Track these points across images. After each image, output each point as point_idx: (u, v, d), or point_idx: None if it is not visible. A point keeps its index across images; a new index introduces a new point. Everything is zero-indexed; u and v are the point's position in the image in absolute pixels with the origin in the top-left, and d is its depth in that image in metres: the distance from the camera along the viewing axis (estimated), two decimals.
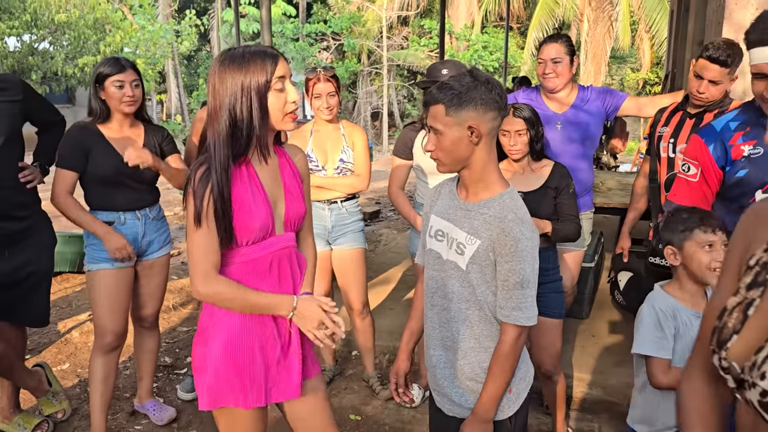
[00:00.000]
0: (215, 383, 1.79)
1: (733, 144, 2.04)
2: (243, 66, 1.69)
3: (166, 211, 8.77)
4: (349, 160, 3.31)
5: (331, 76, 3.21)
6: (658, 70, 22.57)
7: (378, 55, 23.26)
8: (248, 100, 1.69)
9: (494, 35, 23.77)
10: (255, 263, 1.81)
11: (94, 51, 14.31)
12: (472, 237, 1.70)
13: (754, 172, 2.01)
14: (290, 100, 1.75)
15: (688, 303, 2.07)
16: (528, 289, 1.67)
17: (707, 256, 1.98)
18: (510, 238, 1.63)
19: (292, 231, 1.91)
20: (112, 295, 2.87)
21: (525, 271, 1.65)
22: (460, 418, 1.82)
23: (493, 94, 1.64)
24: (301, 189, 1.92)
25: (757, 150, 2.01)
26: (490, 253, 1.67)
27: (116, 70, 2.76)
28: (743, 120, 2.07)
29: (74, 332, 4.36)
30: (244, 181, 1.76)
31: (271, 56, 1.72)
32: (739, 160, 2.03)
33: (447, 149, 1.67)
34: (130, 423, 3.25)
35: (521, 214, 1.68)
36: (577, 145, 3.14)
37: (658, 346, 2.03)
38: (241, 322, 1.80)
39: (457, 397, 1.82)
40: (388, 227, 7.57)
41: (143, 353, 3.22)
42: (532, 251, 1.66)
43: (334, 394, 3.54)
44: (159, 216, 3.07)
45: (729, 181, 2.07)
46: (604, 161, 8.55)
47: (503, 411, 1.79)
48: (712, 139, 2.09)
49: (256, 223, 1.76)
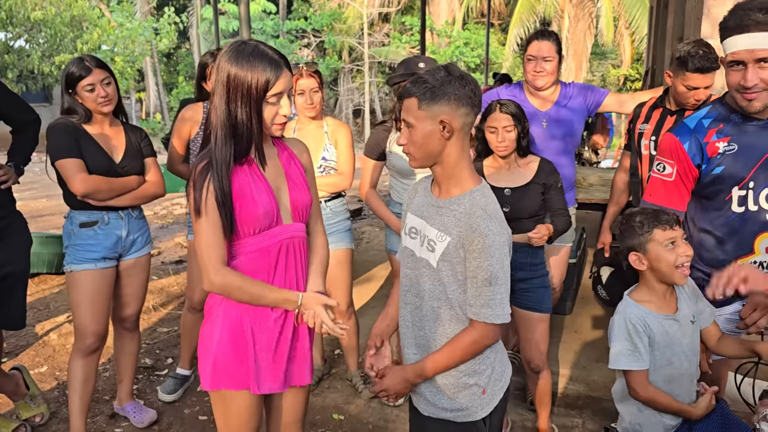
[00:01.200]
0: (215, 365, 1.83)
1: (708, 141, 2.03)
2: (248, 66, 1.69)
3: (146, 211, 8.68)
4: (332, 158, 3.27)
5: (314, 72, 3.18)
6: (639, 66, 22.79)
7: (359, 52, 23.23)
8: (246, 105, 1.70)
9: (475, 32, 23.84)
10: (262, 252, 1.82)
11: (71, 49, 14.16)
12: (443, 234, 1.69)
13: (729, 168, 2.01)
14: (281, 113, 1.77)
15: (658, 307, 2.05)
16: (497, 286, 1.65)
17: (672, 254, 1.96)
18: (477, 234, 1.62)
19: (301, 221, 1.92)
20: (94, 295, 2.81)
21: (493, 267, 1.63)
22: (435, 418, 1.81)
23: (467, 89, 1.62)
24: (304, 178, 1.94)
25: (731, 147, 2.00)
26: (460, 250, 1.66)
27: (83, 73, 2.67)
28: (716, 117, 2.06)
29: (52, 334, 4.29)
30: (245, 172, 1.78)
31: (275, 68, 1.71)
32: (715, 157, 2.02)
33: (418, 143, 1.66)
34: (109, 426, 3.19)
35: (490, 210, 1.67)
36: (560, 141, 3.14)
37: (631, 359, 2.02)
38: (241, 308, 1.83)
39: (431, 396, 1.81)
40: (370, 225, 7.55)
41: (123, 355, 3.17)
42: (501, 247, 1.64)
43: (318, 393, 3.52)
44: (140, 215, 3.03)
45: (705, 179, 2.06)
46: (586, 157, 8.61)
47: (477, 412, 1.78)
48: (687, 136, 2.07)
49: (259, 209, 1.77)
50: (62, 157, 2.68)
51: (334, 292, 3.38)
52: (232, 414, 1.89)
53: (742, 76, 1.87)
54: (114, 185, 2.79)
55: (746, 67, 1.86)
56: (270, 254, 1.83)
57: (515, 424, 3.16)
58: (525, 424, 3.16)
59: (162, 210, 8.93)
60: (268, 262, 1.83)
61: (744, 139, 2.00)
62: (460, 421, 1.79)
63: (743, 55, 1.85)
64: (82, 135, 2.74)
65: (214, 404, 1.93)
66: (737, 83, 1.90)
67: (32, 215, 8.29)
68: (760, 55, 1.83)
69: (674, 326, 2.03)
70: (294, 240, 1.88)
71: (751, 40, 1.83)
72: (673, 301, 2.07)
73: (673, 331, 2.03)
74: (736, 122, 2.02)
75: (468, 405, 1.77)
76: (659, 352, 2.03)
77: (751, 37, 1.83)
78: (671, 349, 2.03)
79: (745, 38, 1.84)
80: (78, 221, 2.80)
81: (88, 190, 2.71)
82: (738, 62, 1.88)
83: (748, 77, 1.85)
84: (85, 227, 2.79)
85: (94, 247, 2.80)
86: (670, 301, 2.06)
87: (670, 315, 2.04)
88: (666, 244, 1.96)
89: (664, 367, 2.06)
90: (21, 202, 2.84)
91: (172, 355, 3.99)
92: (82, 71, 2.67)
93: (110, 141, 2.80)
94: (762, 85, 1.86)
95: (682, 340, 2.04)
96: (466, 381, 1.76)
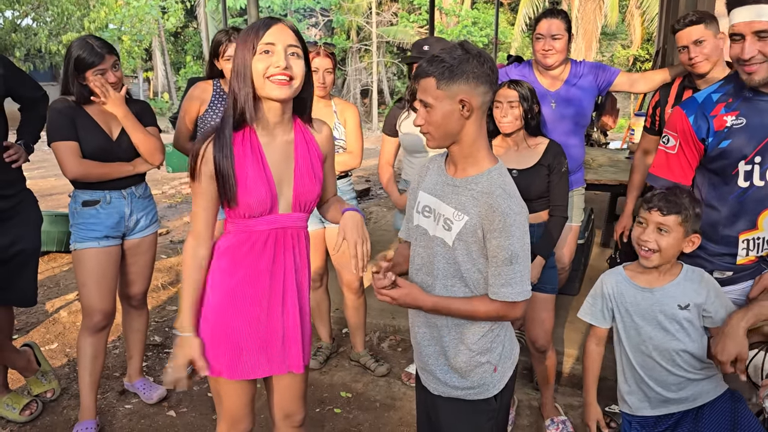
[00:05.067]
0: (206, 351, 1.84)
1: (715, 115, 2.03)
2: (243, 36, 1.71)
3: (155, 190, 8.73)
4: (341, 138, 3.28)
5: (330, 53, 3.17)
6: (649, 47, 22.51)
7: (367, 32, 23.04)
8: (242, 59, 1.70)
9: (484, 11, 23.58)
10: (251, 235, 1.81)
11: (78, 27, 14.10)
12: (460, 213, 1.67)
13: (736, 143, 2.00)
14: (274, 65, 1.69)
15: (644, 280, 2.10)
16: (517, 265, 1.64)
17: (636, 231, 2.06)
18: (498, 213, 1.60)
19: (303, 212, 1.89)
20: (99, 274, 2.83)
21: (514, 246, 1.62)
22: (446, 397, 1.82)
23: (485, 67, 1.60)
24: (316, 169, 1.89)
25: (739, 121, 1.99)
26: (478, 230, 1.65)
27: (96, 60, 2.65)
28: (726, 91, 2.05)
29: (62, 312, 4.33)
30: (246, 153, 1.76)
31: (266, 22, 1.71)
32: (722, 130, 2.01)
33: (437, 123, 1.64)
34: (120, 402, 3.24)
35: (509, 190, 1.65)
36: (570, 121, 3.11)
37: (587, 312, 2.22)
38: (234, 292, 1.83)
39: (441, 375, 1.81)
40: (378, 205, 7.55)
41: (132, 332, 3.20)
42: (521, 226, 1.63)
43: (325, 371, 3.54)
44: (146, 194, 3.02)
45: (711, 152, 2.05)
46: (595, 138, 8.55)
47: (488, 389, 1.79)
48: (693, 110, 2.07)
49: (251, 198, 1.75)
50: (57, 139, 2.69)
51: (345, 270, 3.39)
52: (223, 395, 1.94)
53: (742, 49, 1.88)
54: (106, 169, 2.78)
55: (745, 40, 1.87)
56: (258, 240, 1.82)
57: (521, 404, 3.18)
58: (531, 404, 3.18)
59: (170, 189, 8.96)
60: (256, 248, 1.82)
61: (753, 115, 1.99)
62: (472, 399, 1.79)
63: (742, 28, 1.87)
64: (79, 114, 2.73)
65: (210, 385, 1.98)
66: (737, 56, 1.91)
67: (42, 194, 8.34)
68: (758, 27, 1.84)
69: (648, 299, 2.07)
70: (287, 231, 1.85)
71: (748, 12, 1.85)
72: (663, 281, 2.08)
73: (646, 303, 2.07)
74: (747, 97, 2.01)
75: (480, 383, 1.78)
76: (627, 319, 2.12)
77: (749, 9, 1.85)
78: (642, 318, 2.09)
79: (743, 11, 1.86)
80: (81, 200, 2.81)
81: (78, 175, 2.72)
82: (738, 35, 1.88)
83: (745, 49, 1.86)
84: (88, 206, 2.80)
85: (96, 226, 2.81)
86: (660, 280, 2.08)
87: (647, 288, 2.08)
88: (639, 221, 2.06)
89: (632, 337, 2.12)
90: (30, 181, 2.85)
91: None
92: (95, 58, 2.65)
93: (109, 117, 2.79)
94: (760, 57, 1.86)
95: (656, 315, 2.06)
96: (478, 359, 1.76)
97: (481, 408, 1.80)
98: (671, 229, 1.98)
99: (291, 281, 1.89)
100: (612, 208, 5.48)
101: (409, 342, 3.73)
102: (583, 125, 3.22)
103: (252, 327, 1.85)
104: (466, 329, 1.75)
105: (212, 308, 1.84)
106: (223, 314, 1.83)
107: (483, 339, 1.76)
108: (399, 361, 3.65)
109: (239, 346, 1.85)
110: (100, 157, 2.77)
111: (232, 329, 1.84)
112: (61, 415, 3.11)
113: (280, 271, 1.86)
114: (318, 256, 3.38)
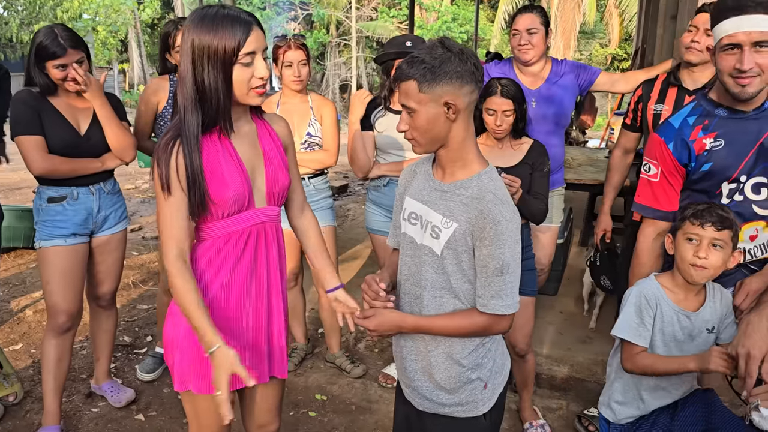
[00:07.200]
0: (180, 365, 1.75)
1: (694, 139, 1.99)
2: (212, 29, 1.56)
3: (127, 185, 8.56)
4: (317, 134, 3.20)
5: (301, 44, 3.09)
6: (627, 46, 22.69)
7: (347, 26, 22.91)
8: (214, 69, 1.58)
9: (464, 7, 23.57)
10: (231, 237, 1.72)
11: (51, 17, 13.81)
12: (448, 220, 1.59)
13: (718, 164, 1.97)
14: (258, 76, 1.62)
15: (677, 299, 1.98)
16: (508, 275, 1.55)
17: (688, 250, 1.90)
18: (489, 220, 1.52)
19: (276, 205, 1.82)
20: (65, 273, 2.72)
21: (505, 255, 1.53)
22: (431, 414, 1.74)
23: (469, 65, 1.51)
24: (283, 159, 1.83)
25: (718, 142, 1.96)
26: (468, 238, 1.56)
27: (58, 51, 2.51)
28: (700, 113, 2.01)
29: (28, 311, 4.19)
30: (216, 149, 1.67)
31: (243, 25, 1.58)
32: (702, 154, 1.98)
33: (423, 128, 1.55)
34: (86, 405, 3.13)
35: (501, 195, 1.57)
36: (550, 120, 3.07)
37: (634, 332, 1.96)
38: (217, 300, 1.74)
39: (427, 392, 1.72)
40: (356, 202, 7.48)
41: (100, 333, 3.09)
42: (513, 234, 1.55)
43: (300, 373, 3.47)
44: (114, 190, 2.91)
45: (694, 175, 2.02)
46: (574, 137, 8.57)
47: (477, 407, 1.71)
48: (671, 136, 2.03)
49: (229, 193, 1.66)
50: (21, 133, 2.56)
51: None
52: (200, 413, 1.83)
53: (738, 60, 1.81)
54: (74, 165, 2.67)
55: (742, 50, 1.80)
56: (238, 240, 1.73)
57: None
58: (510, 407, 3.14)
59: (144, 184, 8.78)
60: (237, 249, 1.73)
61: (730, 134, 1.95)
62: (460, 416, 1.71)
63: (741, 38, 1.79)
64: (45, 108, 2.61)
65: (183, 401, 1.87)
66: (732, 67, 1.84)
67: (10, 188, 8.12)
68: (757, 38, 1.78)
69: (686, 322, 1.97)
70: (266, 225, 1.78)
71: (749, 22, 1.78)
72: (696, 302, 1.99)
73: (684, 326, 1.97)
74: (722, 117, 1.97)
75: (469, 400, 1.69)
76: (660, 340, 1.98)
77: (750, 18, 1.78)
78: (675, 342, 1.97)
79: (743, 20, 1.78)
80: (46, 196, 2.70)
81: (44, 171, 2.60)
82: (734, 45, 1.82)
83: (744, 60, 1.79)
84: (54, 202, 2.69)
85: (62, 223, 2.70)
86: (693, 301, 1.99)
87: (685, 311, 1.97)
88: (688, 237, 1.90)
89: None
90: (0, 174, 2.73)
91: (152, 333, 3.92)
92: (57, 49, 2.52)
93: (77, 111, 2.68)
94: (757, 69, 1.81)
95: (688, 341, 1.97)
96: (468, 376, 1.68)
97: (470, 426, 1.71)
98: (725, 245, 1.88)
99: (276, 279, 1.83)
100: (591, 207, 5.47)
101: (386, 343, 3.67)
102: (564, 125, 3.18)
103: (237, 335, 1.77)
104: (455, 343, 1.66)
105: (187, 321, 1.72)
106: None
107: (473, 354, 1.67)
108: (375, 363, 3.58)
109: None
110: (67, 153, 2.65)
111: None
112: (23, 420, 3.00)
113: (262, 270, 1.79)
114: (293, 255, 3.29)
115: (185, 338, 1.72)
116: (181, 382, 1.76)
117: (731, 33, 1.81)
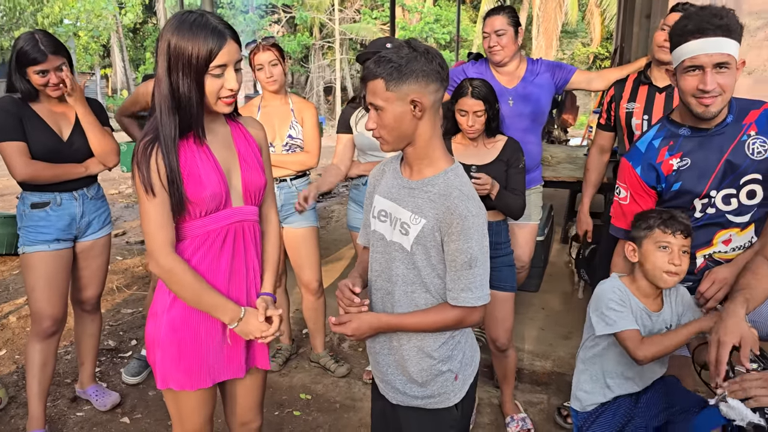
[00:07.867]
0: (162, 363, 1.77)
1: (661, 161, 2.05)
2: (189, 36, 1.59)
3: (111, 190, 8.53)
4: (298, 137, 3.23)
5: (271, 45, 3.13)
6: (608, 45, 22.87)
7: (330, 29, 22.91)
8: (187, 77, 1.61)
9: (446, 8, 23.66)
10: (209, 236, 1.75)
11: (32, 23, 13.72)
12: (417, 216, 1.63)
13: (687, 183, 2.03)
14: (227, 87, 1.66)
15: (641, 298, 2.06)
16: (477, 268, 1.60)
17: (661, 258, 1.96)
18: (456, 215, 1.57)
19: (253, 204, 1.85)
20: (49, 278, 2.73)
21: (473, 249, 1.58)
22: (405, 407, 1.78)
23: (434, 64, 1.56)
24: (258, 159, 1.86)
25: (684, 162, 2.02)
26: (436, 233, 1.61)
27: (39, 57, 2.52)
28: (665, 135, 2.08)
29: (11, 317, 4.18)
30: (192, 150, 1.70)
31: (218, 37, 1.60)
32: (671, 174, 2.04)
33: (390, 126, 1.59)
34: (71, 410, 3.13)
35: (467, 191, 1.61)
36: (527, 118, 3.11)
37: (629, 321, 1.99)
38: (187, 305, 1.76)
39: (401, 385, 1.77)
40: (340, 203, 7.50)
41: (84, 337, 3.10)
42: (480, 228, 1.60)
43: (285, 373, 3.49)
44: (98, 195, 2.93)
45: (666, 195, 2.09)
46: (555, 135, 8.65)
47: (449, 398, 1.75)
48: (638, 161, 2.10)
49: (206, 192, 1.69)
50: (3, 139, 2.57)
51: (303, 270, 3.35)
52: (182, 409, 1.87)
53: (701, 80, 1.87)
54: (57, 171, 2.68)
55: (704, 72, 1.86)
56: (216, 239, 1.76)
57: (482, 402, 3.18)
58: (492, 401, 3.18)
59: (127, 189, 8.76)
60: (215, 247, 1.76)
61: (695, 153, 2.01)
62: (433, 408, 1.76)
63: (703, 60, 1.85)
64: (27, 114, 2.63)
65: (165, 398, 1.90)
66: (694, 88, 1.89)
67: None
68: (719, 59, 1.84)
69: (647, 321, 2.04)
70: (244, 224, 1.82)
71: (710, 44, 1.84)
72: (656, 304, 2.07)
73: (645, 325, 2.04)
74: (686, 136, 2.03)
75: (441, 391, 1.74)
76: None
77: (711, 41, 1.84)
78: None
79: (705, 42, 1.84)
80: (29, 202, 2.71)
81: (27, 177, 2.62)
82: (696, 67, 1.88)
83: (707, 80, 1.85)
84: (37, 208, 2.70)
85: (46, 229, 2.71)
86: (654, 303, 2.06)
87: (649, 310, 2.05)
88: (660, 245, 1.96)
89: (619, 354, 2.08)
90: None
91: (137, 336, 3.92)
92: (37, 55, 2.52)
93: (59, 117, 2.70)
94: (718, 89, 1.87)
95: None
96: (439, 368, 1.72)
97: (442, 417, 1.76)
98: (688, 250, 1.98)
99: (254, 276, 1.86)
100: (572, 204, 5.54)
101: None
102: (541, 123, 3.23)
103: (217, 331, 1.80)
104: (426, 337, 1.71)
105: (175, 321, 1.76)
106: (186, 325, 1.76)
107: (444, 347, 1.72)
108: (359, 361, 3.62)
109: (205, 355, 1.79)
110: (50, 159, 2.66)
111: (198, 339, 1.77)
112: (8, 425, 3.00)
113: (241, 268, 1.82)
114: None
115: (166, 336, 1.75)
116: (163, 380, 1.79)
117: (693, 55, 1.87)
